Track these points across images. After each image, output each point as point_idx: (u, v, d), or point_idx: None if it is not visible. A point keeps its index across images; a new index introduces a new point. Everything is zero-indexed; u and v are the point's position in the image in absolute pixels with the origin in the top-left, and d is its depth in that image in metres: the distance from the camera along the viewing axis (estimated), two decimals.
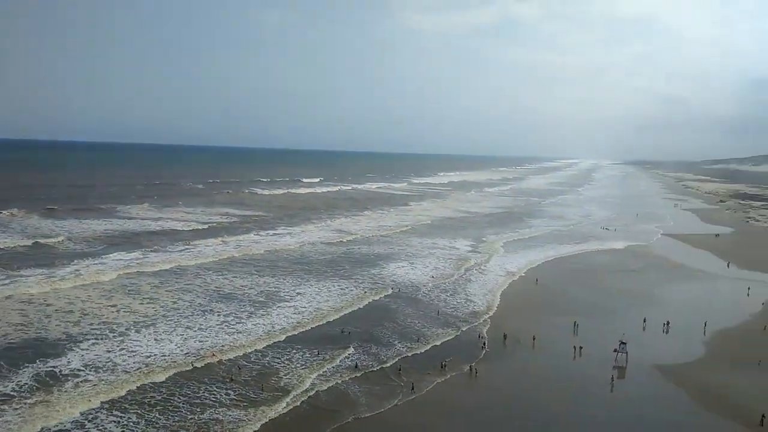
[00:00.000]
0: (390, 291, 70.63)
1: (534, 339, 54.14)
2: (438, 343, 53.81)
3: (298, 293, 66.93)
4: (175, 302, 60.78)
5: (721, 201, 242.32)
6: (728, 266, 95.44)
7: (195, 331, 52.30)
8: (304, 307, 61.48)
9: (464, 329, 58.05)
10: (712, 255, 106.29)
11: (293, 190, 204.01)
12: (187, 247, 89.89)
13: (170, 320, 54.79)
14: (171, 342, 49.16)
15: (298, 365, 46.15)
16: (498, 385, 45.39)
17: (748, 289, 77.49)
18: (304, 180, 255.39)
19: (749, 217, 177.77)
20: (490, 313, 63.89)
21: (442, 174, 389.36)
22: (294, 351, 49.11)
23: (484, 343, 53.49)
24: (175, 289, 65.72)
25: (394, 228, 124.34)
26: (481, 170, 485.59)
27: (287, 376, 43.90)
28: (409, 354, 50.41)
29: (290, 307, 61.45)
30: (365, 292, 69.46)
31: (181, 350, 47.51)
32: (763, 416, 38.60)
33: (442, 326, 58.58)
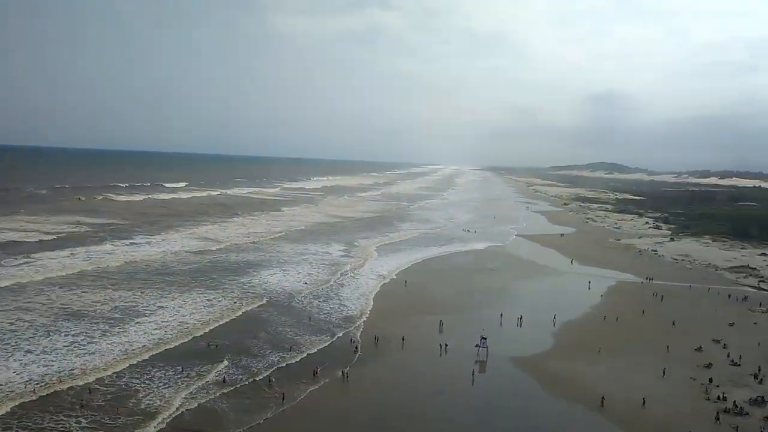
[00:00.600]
0: (263, 300, 68.78)
1: (403, 339, 55.97)
2: (312, 350, 53.45)
3: (160, 307, 62.64)
4: (12, 323, 53.91)
5: (565, 204, 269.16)
6: (572, 263, 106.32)
7: (37, 354, 46.86)
8: (167, 322, 57.69)
9: (339, 335, 58.33)
10: (558, 253, 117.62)
11: (154, 196, 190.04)
12: (27, 260, 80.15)
13: (7, 344, 48.56)
14: (8, 369, 43.59)
15: (161, 385, 43.23)
16: (369, 387, 46.23)
17: (589, 283, 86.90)
18: (167, 185, 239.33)
19: (588, 218, 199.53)
20: (364, 317, 64.91)
21: (315, 179, 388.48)
22: (156, 370, 45.92)
23: (357, 347, 54.21)
24: (12, 309, 58.33)
25: (265, 234, 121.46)
26: (353, 175, 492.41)
27: (148, 398, 40.92)
28: (283, 364, 49.47)
29: (151, 322, 57.32)
30: (235, 302, 66.91)
31: (22, 377, 42.34)
32: (603, 398, 43.39)
33: (316, 333, 58.36)
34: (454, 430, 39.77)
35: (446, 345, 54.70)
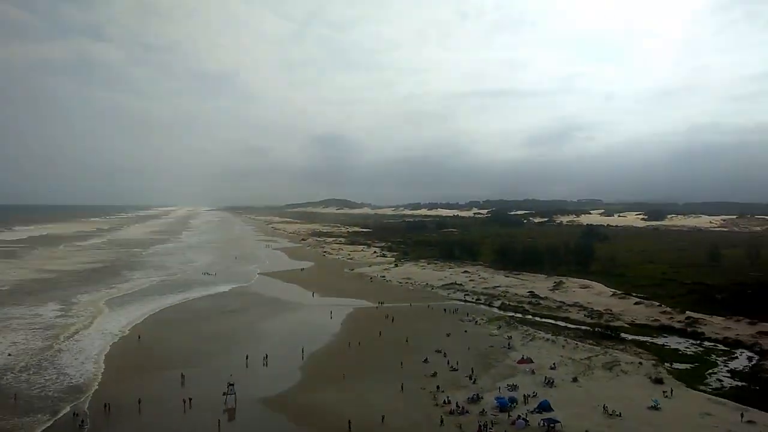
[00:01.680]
0: None
1: (140, 402, 50.08)
2: None
3: None
4: None
5: (303, 239, 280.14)
6: (313, 295, 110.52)
7: None
8: None
9: (62, 411, 49.07)
10: (300, 287, 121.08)
11: None
12: None
13: None
14: None
15: None
16: None
17: (330, 312, 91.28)
18: None
19: (325, 251, 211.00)
20: (94, 385, 56.14)
21: (17, 228, 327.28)
22: None
23: (82, 422, 46.46)
24: None
25: None
26: (67, 221, 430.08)
27: None
28: None
29: None
30: None
31: None
32: (349, 422, 45.42)
33: (29, 413, 48.14)
34: None
35: (190, 399, 50.70)
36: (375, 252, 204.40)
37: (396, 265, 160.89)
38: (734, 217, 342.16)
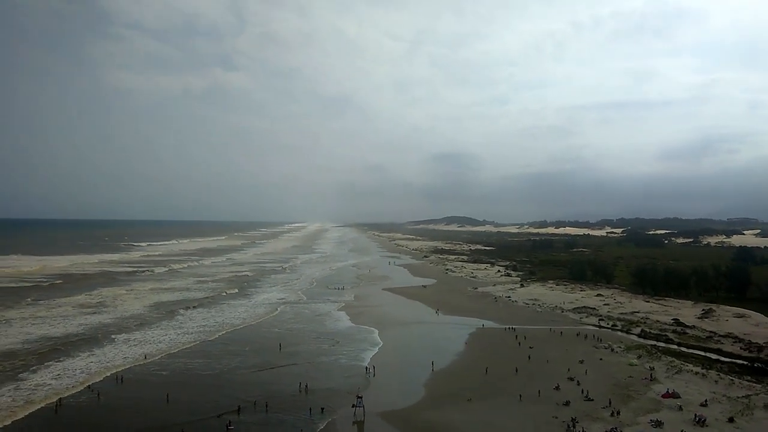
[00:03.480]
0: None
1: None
2: None
3: None
4: None
5: (425, 256, 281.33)
6: (437, 313, 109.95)
7: None
8: None
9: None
10: (422, 304, 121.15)
11: None
12: None
13: None
14: None
15: None
16: None
17: (453, 331, 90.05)
18: None
19: (447, 269, 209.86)
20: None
21: (188, 240, 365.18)
22: None
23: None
24: None
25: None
26: (224, 234, 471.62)
27: None
28: None
29: None
30: None
31: None
32: None
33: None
34: None
35: (322, 409, 52.44)
36: (499, 271, 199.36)
37: (522, 285, 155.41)
38: None
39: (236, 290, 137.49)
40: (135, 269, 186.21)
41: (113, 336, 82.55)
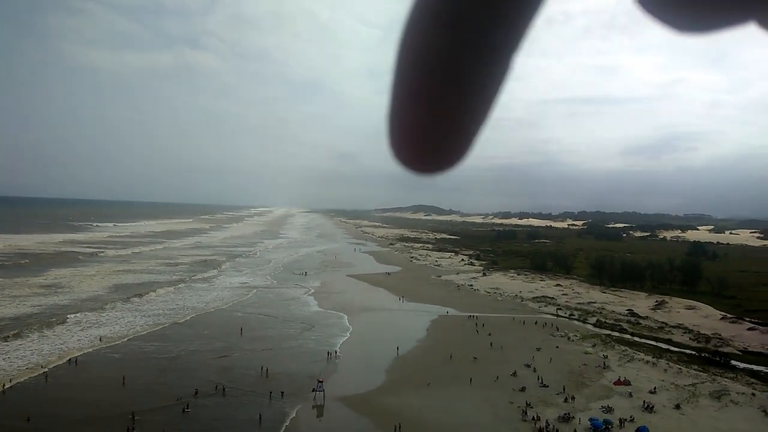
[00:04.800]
0: None
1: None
2: None
3: None
4: None
5: (391, 244, 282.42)
6: (401, 300, 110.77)
7: None
8: None
9: None
10: (386, 291, 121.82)
11: None
12: None
13: None
14: None
15: None
16: None
17: (416, 318, 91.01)
18: None
19: (412, 257, 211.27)
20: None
21: (148, 222, 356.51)
22: None
23: None
24: None
25: None
26: (189, 216, 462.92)
27: None
28: None
29: None
30: None
31: None
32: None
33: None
34: None
35: (282, 392, 52.49)
36: (463, 260, 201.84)
37: (484, 274, 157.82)
38: None
39: (200, 274, 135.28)
40: (97, 250, 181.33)
41: (68, 317, 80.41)
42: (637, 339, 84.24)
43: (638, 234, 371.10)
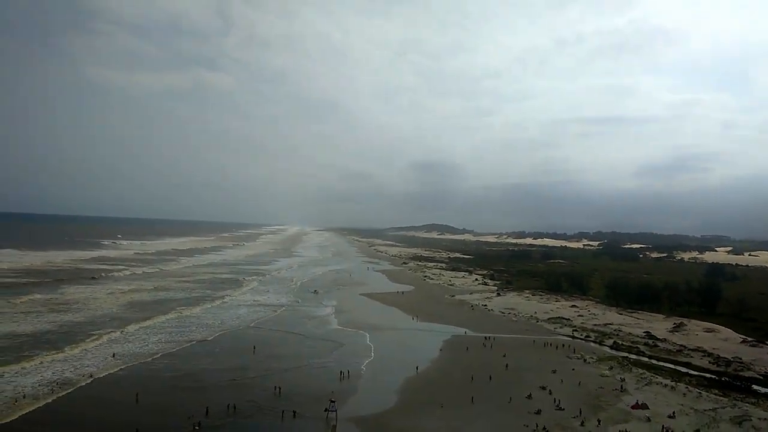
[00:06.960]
0: None
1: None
2: None
3: None
4: None
5: (404, 263, 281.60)
6: (413, 319, 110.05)
7: None
8: None
9: None
10: (399, 311, 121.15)
11: None
12: None
13: None
14: None
15: None
16: None
17: (429, 338, 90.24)
18: None
19: (426, 276, 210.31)
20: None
21: (173, 239, 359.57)
22: None
23: None
24: None
25: None
26: (208, 234, 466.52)
27: None
28: None
29: None
30: None
31: None
32: None
33: None
34: None
35: (294, 412, 52.17)
36: (476, 279, 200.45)
37: (498, 294, 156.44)
38: None
39: (215, 292, 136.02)
40: (127, 267, 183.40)
41: (84, 334, 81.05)
42: (654, 362, 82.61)
43: (655, 255, 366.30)
